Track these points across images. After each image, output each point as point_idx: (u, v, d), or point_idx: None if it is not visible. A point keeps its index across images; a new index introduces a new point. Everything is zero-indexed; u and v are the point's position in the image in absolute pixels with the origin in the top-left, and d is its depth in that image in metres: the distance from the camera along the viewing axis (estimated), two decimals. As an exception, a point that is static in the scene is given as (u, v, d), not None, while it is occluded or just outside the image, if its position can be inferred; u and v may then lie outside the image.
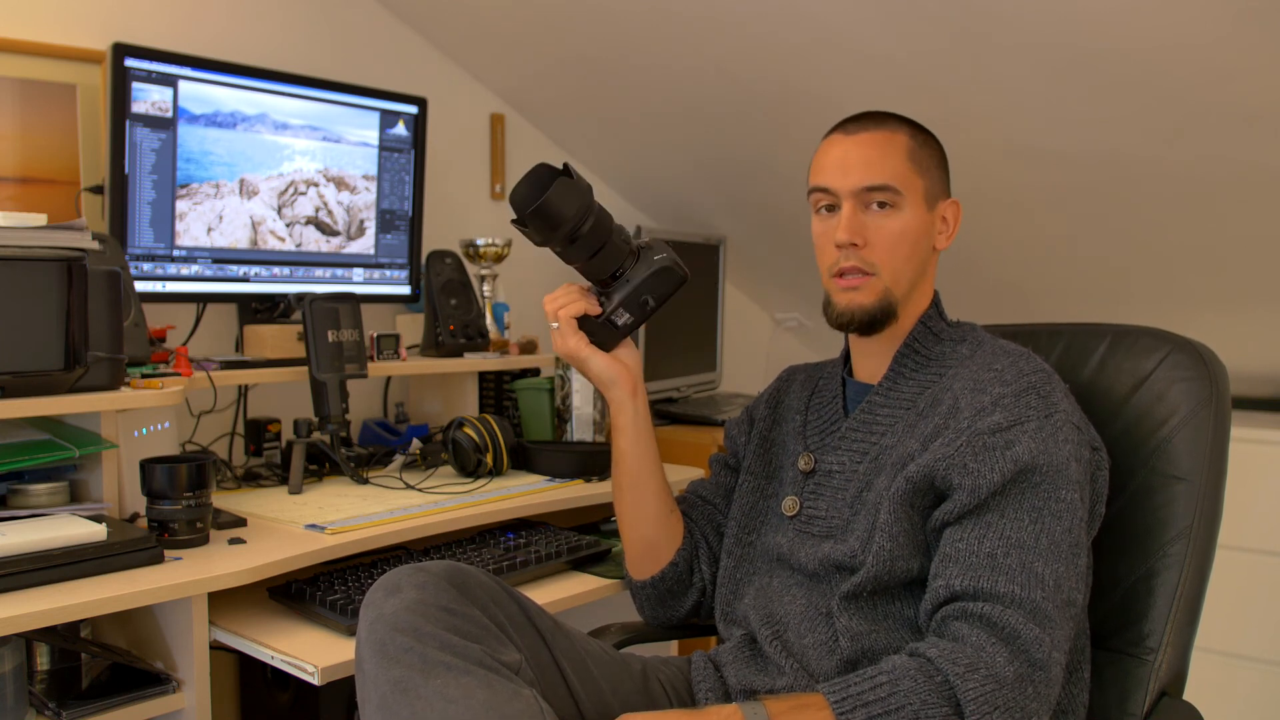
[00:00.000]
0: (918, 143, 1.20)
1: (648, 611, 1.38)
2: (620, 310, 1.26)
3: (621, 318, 1.26)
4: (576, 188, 1.19)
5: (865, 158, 1.18)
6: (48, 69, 1.77)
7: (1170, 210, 2.06)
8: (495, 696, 0.95)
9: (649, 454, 1.31)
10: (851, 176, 1.18)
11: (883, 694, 0.96)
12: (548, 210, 1.18)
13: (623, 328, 1.27)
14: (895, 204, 1.17)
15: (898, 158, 1.17)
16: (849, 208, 1.18)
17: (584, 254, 1.22)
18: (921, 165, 1.19)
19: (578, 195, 1.19)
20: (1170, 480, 1.17)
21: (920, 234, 1.19)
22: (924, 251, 1.20)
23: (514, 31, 2.26)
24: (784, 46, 1.99)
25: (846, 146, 1.19)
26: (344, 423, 1.77)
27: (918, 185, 1.18)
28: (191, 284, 1.83)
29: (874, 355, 1.24)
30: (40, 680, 1.27)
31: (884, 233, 1.17)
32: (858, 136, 1.19)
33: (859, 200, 1.18)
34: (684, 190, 2.76)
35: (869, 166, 1.17)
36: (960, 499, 1.05)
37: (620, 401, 1.29)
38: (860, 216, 1.17)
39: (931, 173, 1.20)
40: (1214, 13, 1.55)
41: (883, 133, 1.19)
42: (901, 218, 1.17)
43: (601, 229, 1.21)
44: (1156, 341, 1.24)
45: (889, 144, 1.18)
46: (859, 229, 1.17)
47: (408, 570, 1.06)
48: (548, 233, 1.20)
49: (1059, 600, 1.01)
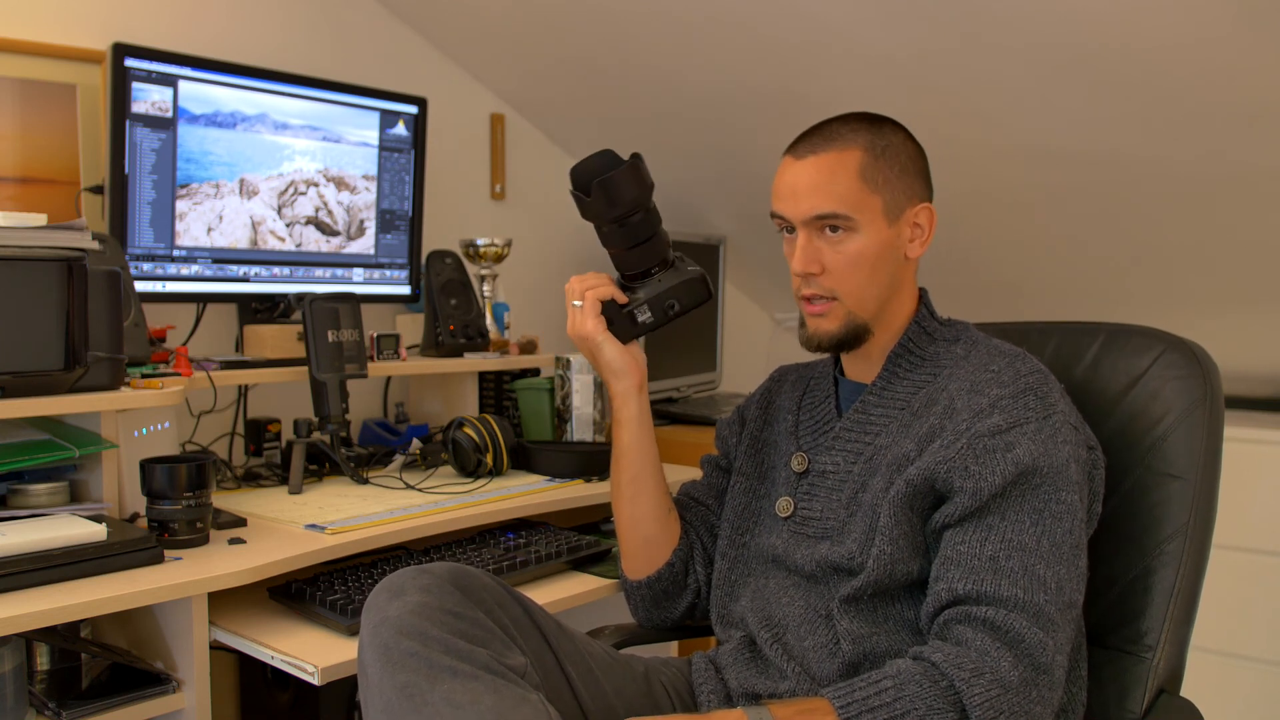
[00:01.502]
0: (874, 155, 1.15)
1: (641, 613, 1.37)
2: (644, 307, 1.28)
3: (644, 314, 1.28)
4: (644, 177, 1.24)
5: (813, 184, 1.15)
6: (48, 69, 1.77)
7: (1169, 210, 2.06)
8: (502, 702, 0.94)
9: (650, 451, 1.31)
10: (801, 204, 1.16)
11: (888, 699, 0.96)
12: (614, 185, 1.21)
13: (642, 325, 1.29)
14: (849, 227, 1.15)
15: (847, 180, 1.14)
16: (803, 236, 1.17)
17: (626, 242, 1.25)
18: (877, 181, 1.15)
19: (641, 184, 1.23)
20: (1165, 478, 1.17)
21: (881, 252, 1.16)
22: (889, 267, 1.17)
23: (514, 31, 2.26)
24: (784, 46, 1.99)
25: (796, 171, 1.18)
26: (344, 423, 1.77)
27: (873, 204, 1.15)
28: (191, 284, 1.83)
29: (862, 361, 1.24)
30: (40, 680, 1.27)
31: (840, 258, 1.16)
32: (805, 161, 1.17)
33: (812, 228, 1.17)
34: (684, 190, 2.76)
35: (816, 193, 1.15)
36: (961, 501, 1.05)
37: (626, 394, 1.29)
38: (815, 243, 1.17)
39: (891, 184, 1.16)
40: (1214, 13, 1.55)
41: (831, 153, 1.15)
42: (857, 240, 1.15)
43: (650, 225, 1.25)
44: (1150, 340, 1.24)
45: (838, 166, 1.15)
46: (814, 257, 1.16)
47: (411, 572, 1.06)
48: (604, 207, 1.22)
49: (1061, 603, 1.01)
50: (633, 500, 1.32)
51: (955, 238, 1.37)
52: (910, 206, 1.18)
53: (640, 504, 1.32)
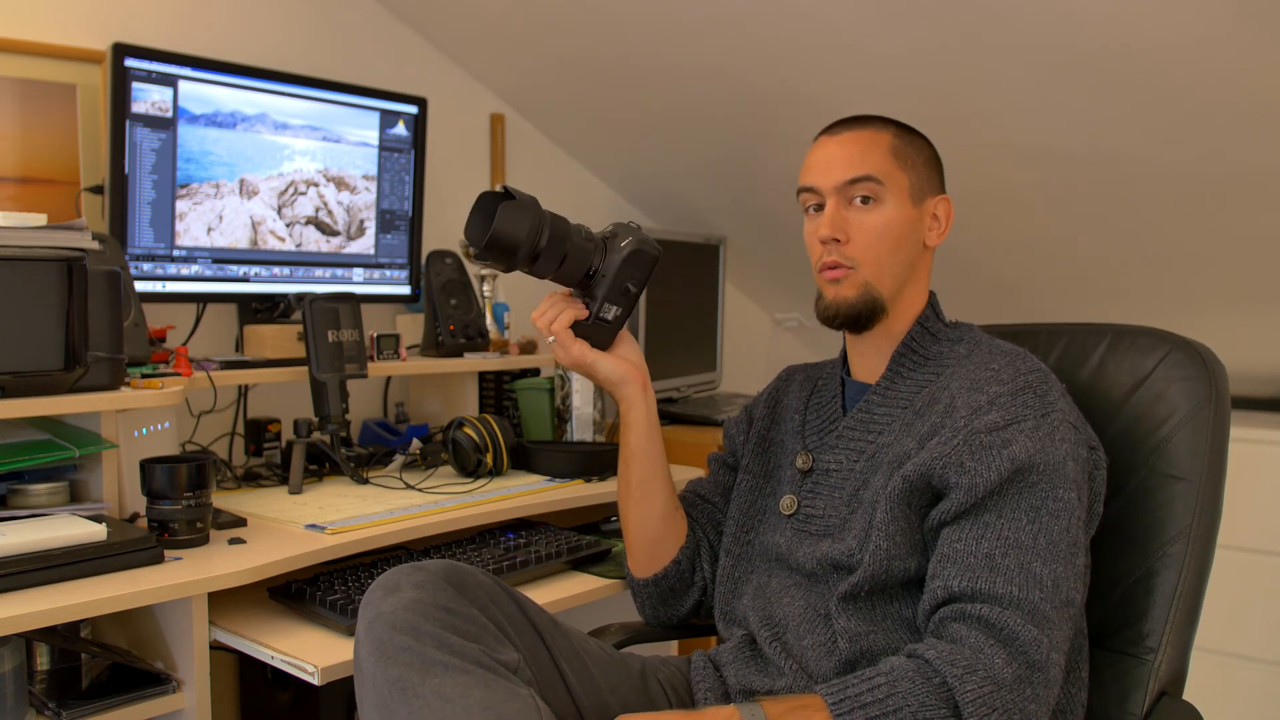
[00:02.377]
0: (903, 141, 1.21)
1: (648, 611, 1.38)
2: (606, 305, 1.26)
3: (610, 312, 1.26)
4: (521, 207, 1.18)
5: (847, 154, 1.20)
6: (48, 69, 1.77)
7: (1170, 210, 2.06)
8: (493, 696, 0.95)
9: (658, 453, 1.32)
10: (834, 172, 1.20)
11: (880, 695, 0.96)
12: (500, 238, 1.17)
13: (614, 321, 1.27)
14: (877, 196, 1.18)
15: (880, 152, 1.20)
16: (832, 204, 1.20)
17: (551, 266, 1.22)
18: (905, 161, 1.20)
19: (524, 214, 1.18)
20: (1169, 480, 1.17)
21: (905, 229, 1.20)
22: (910, 247, 1.21)
23: (514, 31, 2.26)
24: (784, 46, 1.99)
25: (830, 146, 1.22)
26: (344, 423, 1.77)
27: (901, 180, 1.20)
28: (191, 284, 1.83)
29: (870, 355, 1.25)
30: (40, 680, 1.27)
31: (866, 227, 1.19)
32: (841, 136, 1.22)
33: (842, 196, 1.20)
34: (684, 190, 2.76)
35: (850, 161, 1.19)
36: (957, 498, 1.05)
37: (632, 399, 1.29)
38: (843, 213, 1.20)
39: (918, 169, 1.21)
40: (1214, 13, 1.55)
41: (866, 131, 1.22)
42: (884, 211, 1.19)
43: (559, 237, 1.20)
44: (1155, 341, 1.23)
45: (871, 140, 1.21)
46: (841, 225, 1.19)
47: (406, 569, 1.06)
48: (510, 259, 1.19)
49: (1057, 601, 1.01)
50: (641, 502, 1.32)
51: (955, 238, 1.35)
52: (932, 195, 1.23)
53: (649, 505, 1.32)
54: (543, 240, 1.19)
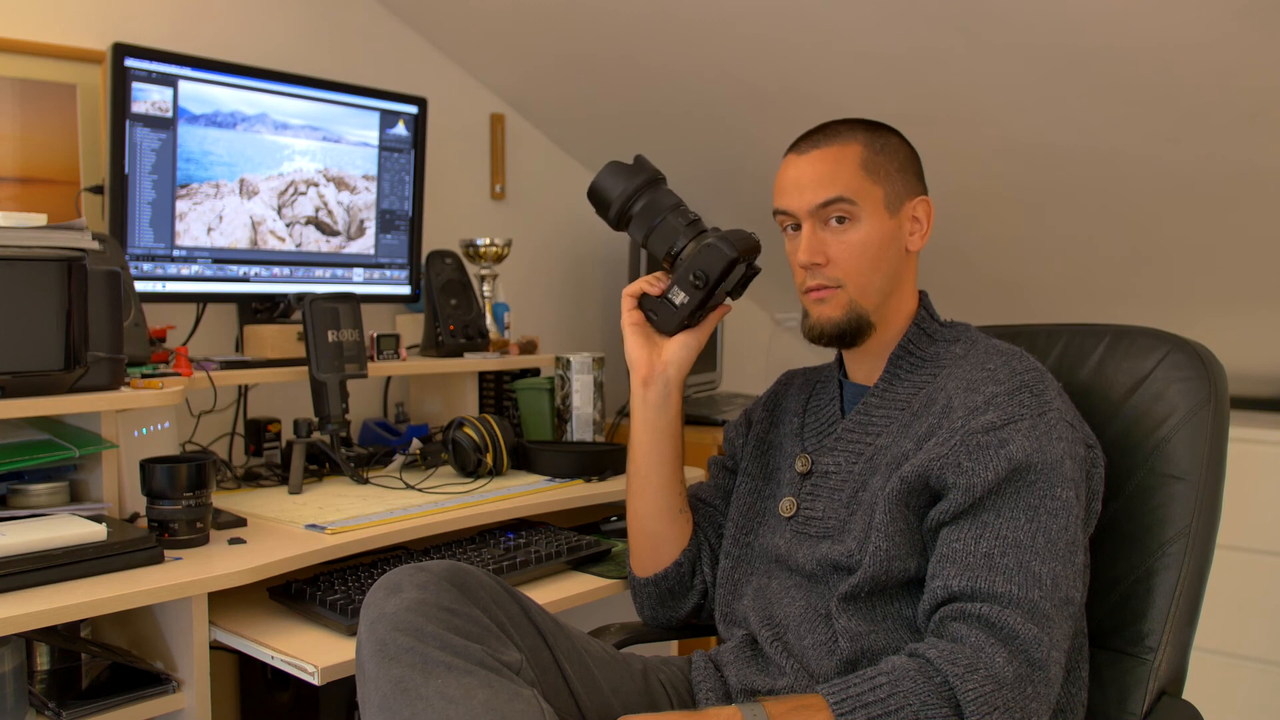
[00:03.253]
0: (874, 150, 1.20)
1: (647, 611, 1.38)
2: (675, 289, 1.28)
3: (678, 296, 1.28)
4: (623, 169, 1.29)
5: (818, 175, 1.19)
6: (48, 69, 1.77)
7: (1170, 210, 2.06)
8: (496, 697, 0.95)
9: (657, 448, 1.31)
10: (806, 195, 1.19)
11: (882, 694, 0.96)
12: (595, 190, 1.31)
13: (680, 307, 1.28)
14: (852, 215, 1.18)
15: (849, 170, 1.18)
16: (808, 227, 1.20)
17: (640, 234, 1.30)
18: (878, 173, 1.19)
19: (622, 177, 1.29)
20: (1169, 480, 1.17)
21: (884, 241, 1.19)
22: (892, 257, 1.20)
23: (514, 31, 2.26)
24: (784, 46, 1.99)
25: (800, 166, 1.21)
26: (344, 423, 1.77)
27: (875, 193, 1.18)
28: (191, 284, 1.83)
29: (866, 361, 1.25)
30: (40, 680, 1.27)
31: (844, 247, 1.18)
32: (809, 155, 1.21)
33: (817, 218, 1.19)
34: (684, 190, 2.74)
35: (820, 182, 1.19)
36: (955, 498, 1.05)
37: (632, 389, 1.31)
38: (820, 234, 1.19)
39: (891, 178, 1.20)
40: (1214, 12, 1.55)
41: (834, 147, 1.20)
42: (860, 229, 1.18)
43: (653, 209, 1.29)
44: (1155, 341, 1.23)
45: (840, 158, 1.19)
46: (819, 247, 1.19)
47: (408, 570, 1.07)
48: (603, 213, 1.31)
49: (1057, 599, 1.01)
50: (636, 496, 1.33)
51: (955, 238, 1.36)
52: (909, 199, 1.22)
53: (644, 501, 1.32)
54: (635, 206, 1.29)
